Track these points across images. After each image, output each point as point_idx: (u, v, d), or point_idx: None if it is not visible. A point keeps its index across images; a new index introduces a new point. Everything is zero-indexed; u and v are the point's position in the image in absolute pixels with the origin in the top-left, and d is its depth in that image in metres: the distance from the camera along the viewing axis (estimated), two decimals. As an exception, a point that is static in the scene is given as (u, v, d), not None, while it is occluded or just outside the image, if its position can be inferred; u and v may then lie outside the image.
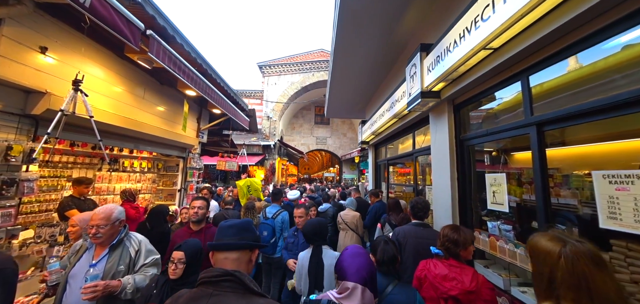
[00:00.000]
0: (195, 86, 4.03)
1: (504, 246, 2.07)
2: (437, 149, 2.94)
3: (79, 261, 1.73)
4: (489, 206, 2.23)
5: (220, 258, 1.02)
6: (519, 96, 2.00)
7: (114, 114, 3.77)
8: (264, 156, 13.50)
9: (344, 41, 3.97)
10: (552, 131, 1.77)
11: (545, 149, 1.74)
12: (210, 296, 0.87)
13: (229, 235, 1.07)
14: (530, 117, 1.80)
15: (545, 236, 0.91)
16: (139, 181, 5.42)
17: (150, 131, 4.51)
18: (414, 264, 2.17)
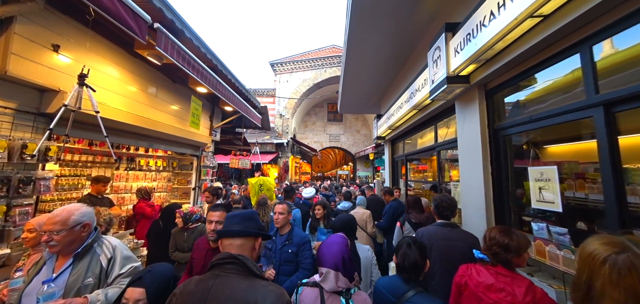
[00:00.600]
0: (205, 81, 3.94)
1: (556, 253, 1.75)
2: (466, 141, 2.62)
3: (36, 275, 1.40)
4: (534, 205, 1.91)
5: (226, 244, 1.11)
6: (574, 73, 1.67)
7: (128, 112, 3.76)
8: (277, 154, 13.48)
9: (358, 30, 3.72)
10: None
11: (616, 135, 1.42)
12: (216, 277, 0.96)
13: (233, 223, 1.15)
14: (594, 96, 1.48)
15: (601, 239, 0.77)
16: (154, 180, 5.48)
17: (163, 129, 4.51)
18: (442, 269, 1.92)
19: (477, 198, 2.41)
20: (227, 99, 4.91)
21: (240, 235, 1.12)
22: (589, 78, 1.50)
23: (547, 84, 1.97)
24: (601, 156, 1.45)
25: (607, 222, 1.41)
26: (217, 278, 0.97)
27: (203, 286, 0.95)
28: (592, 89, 1.48)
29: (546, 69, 1.84)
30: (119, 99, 3.68)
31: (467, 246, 1.89)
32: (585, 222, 1.73)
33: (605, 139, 1.42)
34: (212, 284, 0.94)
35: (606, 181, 1.42)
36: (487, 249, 1.39)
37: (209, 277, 0.98)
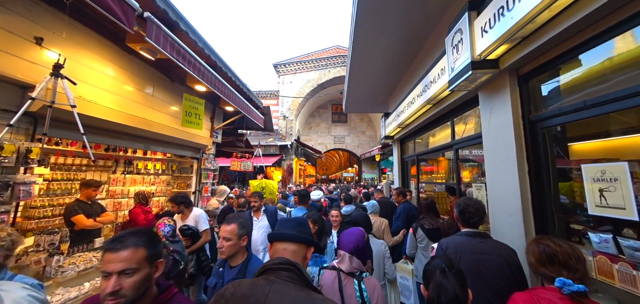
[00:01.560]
0: (203, 78, 3.69)
1: (631, 273, 1.39)
2: (494, 136, 2.28)
3: None
4: (591, 211, 1.56)
5: (279, 249, 1.07)
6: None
7: (122, 112, 3.54)
8: (280, 157, 13.22)
9: (365, 23, 3.43)
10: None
11: None
12: (271, 283, 0.89)
13: (288, 227, 1.13)
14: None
15: None
16: (153, 184, 5.25)
17: (161, 130, 4.27)
18: (475, 292, 1.56)
19: (510, 202, 2.06)
20: (227, 98, 4.66)
21: (296, 240, 1.09)
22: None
23: (603, 62, 1.62)
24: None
25: None
26: (273, 284, 0.90)
27: (259, 290, 0.88)
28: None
29: (602, 43, 1.50)
30: (112, 98, 3.45)
31: (502, 260, 1.55)
32: None
33: None
34: (269, 290, 0.87)
35: None
36: (575, 271, 1.04)
37: (263, 282, 0.91)
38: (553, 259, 1.12)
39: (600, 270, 1.54)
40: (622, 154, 1.63)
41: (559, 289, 1.06)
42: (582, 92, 1.73)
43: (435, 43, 3.35)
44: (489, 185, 2.37)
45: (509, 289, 1.50)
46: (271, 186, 4.45)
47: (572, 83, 1.84)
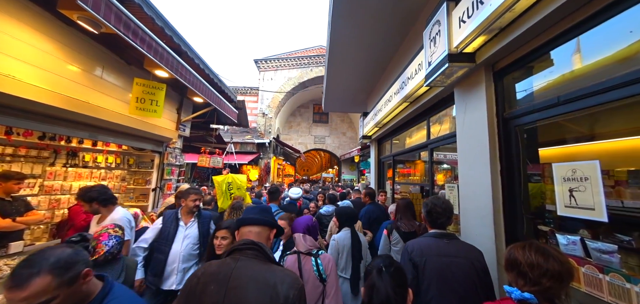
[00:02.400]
0: (163, 62, 3.27)
1: (597, 277, 1.32)
2: (468, 133, 2.20)
3: None
4: (560, 211, 1.48)
5: (244, 232, 1.21)
6: (630, 47, 1.26)
7: (58, 94, 3.01)
8: (258, 155, 12.74)
9: (342, 19, 3.27)
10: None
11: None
12: (237, 260, 1.04)
13: (252, 213, 1.29)
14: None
15: None
16: (103, 179, 4.64)
17: (112, 118, 3.75)
18: (439, 295, 1.45)
19: (482, 203, 1.97)
20: (194, 87, 4.24)
21: (259, 223, 1.22)
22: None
23: (581, 64, 1.56)
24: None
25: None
26: (239, 261, 1.04)
27: (226, 267, 1.03)
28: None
29: (588, 30, 1.43)
30: (46, 77, 2.92)
31: (469, 263, 1.48)
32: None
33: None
34: (234, 266, 1.02)
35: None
36: (534, 284, 0.91)
37: (230, 261, 1.06)
38: (514, 267, 1.03)
39: (571, 275, 1.46)
40: (591, 159, 1.57)
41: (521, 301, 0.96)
42: (555, 89, 1.67)
43: (414, 39, 3.27)
44: (461, 185, 2.28)
45: (475, 292, 1.44)
46: (239, 181, 4.08)
47: (546, 82, 1.78)
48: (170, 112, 5.53)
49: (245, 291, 0.95)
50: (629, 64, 1.27)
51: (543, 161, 1.82)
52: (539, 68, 1.84)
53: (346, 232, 2.55)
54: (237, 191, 4.02)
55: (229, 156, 8.98)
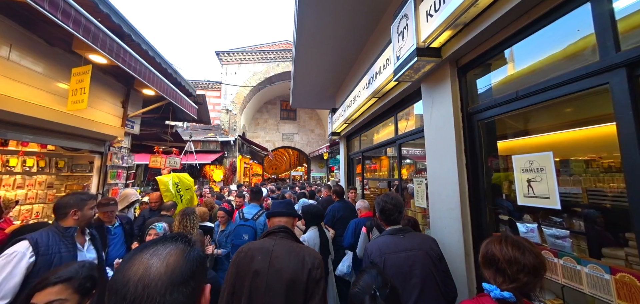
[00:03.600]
0: (95, 43, 2.72)
1: (552, 261, 1.40)
2: (435, 128, 2.24)
3: None
4: (520, 201, 1.56)
5: (275, 221, 1.60)
6: (576, 44, 1.35)
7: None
8: (222, 154, 11.95)
9: (310, 6, 3.11)
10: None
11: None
12: (275, 239, 1.42)
13: (280, 206, 1.66)
14: (614, 55, 1.13)
15: None
16: (20, 187, 3.78)
17: (29, 111, 3.04)
18: (402, 291, 1.44)
19: (449, 197, 2.02)
20: (141, 77, 3.68)
21: (285, 214, 1.62)
22: (608, 33, 1.16)
23: (535, 61, 1.65)
24: (621, 135, 1.11)
25: (636, 223, 1.07)
26: (276, 240, 1.42)
27: (267, 243, 1.40)
28: (612, 46, 1.15)
29: (542, 29, 1.50)
30: None
31: (424, 253, 1.54)
32: (590, 225, 1.42)
33: (629, 112, 1.08)
34: (274, 243, 1.40)
35: (632, 170, 1.08)
36: (513, 280, 0.88)
37: (269, 240, 1.43)
38: (492, 264, 1.00)
39: (530, 261, 1.54)
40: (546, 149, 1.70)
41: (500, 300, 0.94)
42: (512, 84, 1.76)
43: (382, 33, 3.27)
44: (430, 180, 2.33)
45: (433, 280, 1.49)
46: (187, 181, 3.65)
47: (504, 78, 1.88)
48: (114, 106, 4.77)
49: (283, 259, 1.33)
50: (577, 60, 1.36)
51: (502, 153, 1.92)
52: (497, 65, 1.93)
53: (314, 231, 2.63)
54: (187, 192, 3.63)
55: (188, 155, 8.20)
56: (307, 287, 1.26)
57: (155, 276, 0.50)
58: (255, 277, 1.26)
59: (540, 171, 1.46)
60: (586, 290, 1.25)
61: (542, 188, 1.44)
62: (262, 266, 1.28)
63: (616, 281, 1.15)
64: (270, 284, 1.25)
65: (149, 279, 0.49)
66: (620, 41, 1.13)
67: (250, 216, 2.96)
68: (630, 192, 1.09)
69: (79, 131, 3.88)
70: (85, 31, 2.53)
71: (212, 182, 11.66)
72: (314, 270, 1.30)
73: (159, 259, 0.53)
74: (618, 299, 1.14)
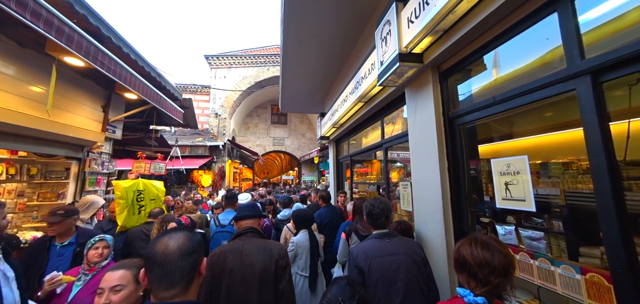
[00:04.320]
0: (70, 45, 2.61)
1: (529, 262, 1.43)
2: (419, 133, 2.26)
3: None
4: (499, 204, 1.58)
5: (242, 224, 1.73)
6: (545, 57, 1.39)
7: None
8: (211, 159, 11.70)
9: (296, 11, 3.11)
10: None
11: (606, 111, 1.13)
12: (244, 239, 1.60)
13: (245, 210, 1.79)
14: (579, 63, 1.17)
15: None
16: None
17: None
18: (385, 296, 1.46)
19: (433, 200, 2.03)
20: (122, 81, 3.55)
21: (252, 217, 1.76)
22: (573, 41, 1.20)
23: (512, 68, 1.69)
24: (588, 139, 1.15)
25: (603, 224, 1.09)
26: (245, 239, 1.60)
27: (237, 244, 1.57)
28: (577, 53, 1.19)
29: (515, 36, 1.54)
30: None
31: (409, 257, 1.55)
32: (568, 226, 1.46)
33: (594, 117, 1.11)
34: (243, 243, 1.57)
35: (598, 172, 1.11)
36: (485, 284, 0.88)
37: (237, 241, 1.60)
38: (464, 268, 1.01)
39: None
40: (523, 153, 1.74)
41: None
42: (490, 90, 1.80)
43: (367, 39, 3.31)
44: (414, 183, 2.34)
45: (417, 285, 1.50)
46: (155, 190, 3.18)
47: (483, 85, 1.92)
48: (94, 111, 4.59)
49: (254, 255, 1.51)
50: (549, 68, 1.41)
51: (483, 157, 1.96)
52: (476, 71, 1.98)
53: (304, 234, 2.71)
54: (151, 203, 3.06)
55: (174, 160, 7.98)
56: (276, 273, 1.50)
57: (172, 249, 0.84)
58: (230, 274, 1.44)
59: (516, 174, 1.49)
60: (560, 290, 1.27)
61: (518, 191, 1.47)
62: (235, 263, 1.47)
63: (586, 281, 1.18)
64: (244, 277, 1.44)
65: (168, 251, 0.83)
66: (585, 50, 1.17)
67: (227, 222, 2.94)
68: (597, 194, 1.12)
69: (53, 137, 3.69)
70: (59, 33, 2.42)
71: (200, 188, 11.38)
72: (280, 259, 1.54)
73: (173, 240, 0.86)
74: (588, 299, 1.16)
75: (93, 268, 1.73)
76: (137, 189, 2.96)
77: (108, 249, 1.87)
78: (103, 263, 1.79)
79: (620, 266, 1.05)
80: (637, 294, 1.01)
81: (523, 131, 2.15)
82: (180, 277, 0.81)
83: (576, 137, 1.56)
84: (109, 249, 1.87)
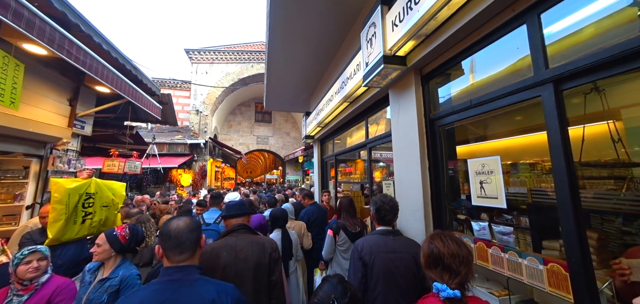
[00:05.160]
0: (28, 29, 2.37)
1: (500, 255, 1.53)
2: (402, 133, 2.33)
3: None
4: (474, 202, 1.68)
5: (232, 222, 1.77)
6: (515, 65, 1.50)
7: None
8: (191, 157, 11.25)
9: (282, 11, 3.09)
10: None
11: (566, 116, 1.24)
12: (235, 237, 1.64)
13: (234, 208, 1.82)
14: (544, 72, 1.28)
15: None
16: None
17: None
18: (385, 289, 1.51)
19: (414, 199, 2.11)
20: (91, 72, 3.33)
21: (241, 215, 1.80)
22: (539, 51, 1.31)
23: (487, 74, 1.80)
24: (550, 140, 1.26)
25: (562, 219, 1.20)
26: (237, 237, 1.64)
27: (231, 240, 1.61)
28: (542, 63, 1.29)
29: (490, 44, 1.64)
30: None
31: (410, 257, 1.58)
32: (533, 221, 1.58)
33: (555, 121, 1.22)
34: (236, 238, 1.62)
35: (558, 171, 1.22)
36: (456, 274, 0.94)
37: (230, 237, 1.64)
38: (438, 262, 1.04)
39: (480, 255, 1.67)
40: (496, 154, 1.86)
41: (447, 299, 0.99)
42: (467, 94, 1.91)
43: (353, 40, 3.35)
44: (397, 182, 2.41)
45: (415, 284, 1.54)
46: (107, 195, 2.53)
47: (461, 89, 2.02)
48: (59, 104, 4.24)
49: (247, 250, 1.57)
50: (519, 75, 1.52)
51: (460, 157, 2.06)
52: (455, 75, 2.08)
53: (278, 233, 2.72)
54: (103, 211, 2.45)
55: (151, 159, 7.57)
56: (269, 266, 1.59)
57: (182, 226, 1.15)
58: (224, 270, 1.48)
59: (490, 174, 1.58)
60: (525, 280, 1.38)
61: (492, 189, 1.57)
62: (229, 260, 1.51)
63: (547, 271, 1.29)
64: (239, 272, 1.50)
65: (180, 227, 1.14)
66: (549, 60, 1.28)
67: (212, 221, 2.91)
68: (557, 191, 1.23)
69: (9, 131, 3.35)
70: (16, 16, 2.21)
71: (179, 188, 10.91)
72: (273, 253, 1.64)
73: (182, 221, 1.17)
74: (549, 287, 1.27)
75: (30, 287, 1.51)
76: (85, 192, 2.35)
77: (45, 260, 1.63)
78: (42, 278, 1.57)
79: (575, 256, 1.16)
80: (588, 281, 1.13)
81: (496, 133, 2.30)
82: (189, 245, 1.12)
83: (541, 140, 1.71)
84: (46, 261, 1.65)
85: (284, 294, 1.67)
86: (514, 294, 1.52)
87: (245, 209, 1.83)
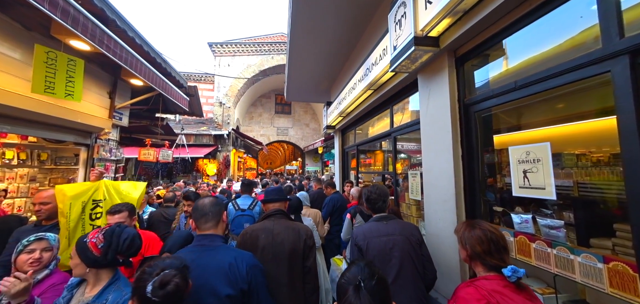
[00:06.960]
0: (76, 27, 2.56)
1: (546, 251, 1.40)
2: (431, 120, 2.21)
3: None
4: (515, 192, 1.54)
5: (270, 206, 1.86)
6: (574, 38, 1.32)
7: None
8: (216, 148, 11.75)
9: (304, 4, 3.02)
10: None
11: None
12: (273, 220, 1.73)
13: (273, 193, 1.91)
14: (617, 42, 1.10)
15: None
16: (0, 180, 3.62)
17: (4, 99, 2.87)
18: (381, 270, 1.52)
19: (444, 188, 2.00)
20: (128, 66, 3.54)
21: (278, 200, 1.87)
22: (612, 18, 1.12)
23: (535, 52, 1.61)
24: (621, 123, 1.09)
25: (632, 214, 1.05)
26: (274, 221, 1.73)
27: (268, 224, 1.70)
28: (616, 32, 1.11)
29: (542, 17, 1.46)
30: None
31: (404, 238, 1.69)
32: (580, 216, 1.42)
33: (630, 101, 1.05)
34: (273, 223, 1.71)
35: (631, 161, 1.06)
36: (507, 255, 0.96)
37: (267, 221, 1.73)
38: (498, 247, 1.06)
39: (521, 249, 1.54)
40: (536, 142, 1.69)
41: (503, 277, 1.00)
42: (510, 76, 1.73)
43: (378, 24, 3.21)
44: (425, 172, 2.30)
45: (411, 263, 1.63)
46: (112, 195, 2.17)
47: (501, 70, 1.85)
48: (100, 97, 4.59)
49: (283, 234, 1.65)
50: (577, 52, 1.34)
51: (497, 147, 1.90)
52: (495, 56, 1.90)
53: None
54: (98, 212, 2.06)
55: (180, 149, 8.02)
56: (304, 252, 1.66)
57: (206, 202, 1.41)
58: (262, 251, 1.58)
59: (536, 162, 1.44)
60: (578, 279, 1.25)
61: (538, 179, 1.43)
62: (267, 242, 1.61)
63: (609, 270, 1.15)
64: (276, 254, 1.59)
65: (205, 204, 1.39)
66: (625, 29, 1.10)
67: (246, 207, 3.05)
68: (628, 184, 1.08)
69: (63, 122, 3.71)
70: (64, 14, 2.38)
71: (205, 177, 11.49)
72: (308, 239, 1.69)
73: (207, 199, 1.43)
74: (610, 288, 1.14)
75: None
76: (92, 199, 2.04)
77: (49, 252, 1.36)
78: (40, 274, 1.31)
79: (648, 255, 1.01)
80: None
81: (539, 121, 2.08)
82: (212, 216, 1.35)
83: (588, 129, 1.53)
84: (51, 253, 1.37)
85: (318, 280, 1.73)
86: (561, 292, 1.40)
87: (282, 194, 1.91)
